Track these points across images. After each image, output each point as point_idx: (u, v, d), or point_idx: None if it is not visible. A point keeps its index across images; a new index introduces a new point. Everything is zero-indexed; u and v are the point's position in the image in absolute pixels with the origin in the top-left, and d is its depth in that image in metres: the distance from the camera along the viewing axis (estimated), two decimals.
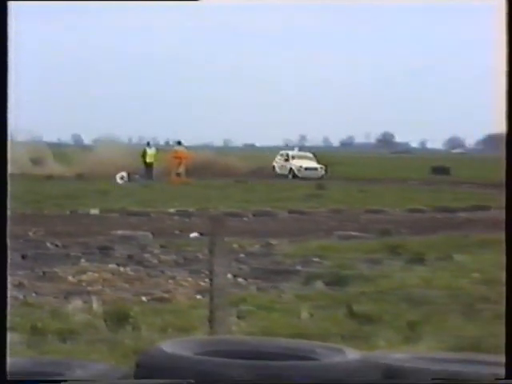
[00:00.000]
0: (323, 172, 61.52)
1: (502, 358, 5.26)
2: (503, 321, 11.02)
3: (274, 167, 65.52)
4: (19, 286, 13.61)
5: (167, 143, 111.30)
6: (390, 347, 8.67)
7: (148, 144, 55.22)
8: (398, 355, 5.26)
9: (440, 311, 11.59)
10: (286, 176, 61.38)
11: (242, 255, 17.49)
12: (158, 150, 55.53)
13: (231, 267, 14.20)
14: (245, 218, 27.31)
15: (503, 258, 18.03)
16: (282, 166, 64.52)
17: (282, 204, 32.47)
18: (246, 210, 29.40)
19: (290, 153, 66.69)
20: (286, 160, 64.81)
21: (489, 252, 18.04)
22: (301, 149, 75.56)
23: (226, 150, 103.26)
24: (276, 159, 66.54)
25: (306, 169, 62.17)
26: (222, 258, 8.80)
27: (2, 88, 4.74)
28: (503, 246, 18.85)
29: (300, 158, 65.39)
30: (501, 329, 10.50)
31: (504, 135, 4.68)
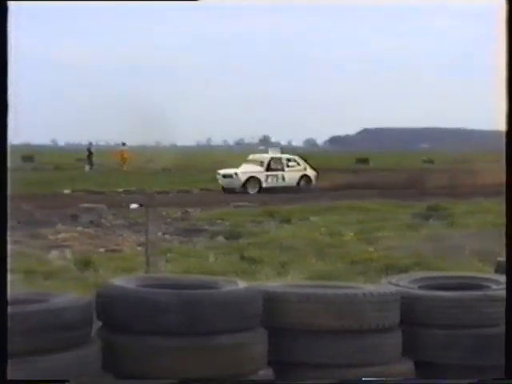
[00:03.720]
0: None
1: (344, 284, 5.32)
2: (343, 259, 11.23)
3: None
4: (16, 242, 13.41)
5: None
6: (268, 279, 8.75)
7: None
8: (274, 284, 5.29)
9: (301, 254, 11.72)
10: None
11: (168, 219, 17.47)
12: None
13: (161, 228, 14.19)
14: (170, 195, 27.27)
15: (343, 218, 18.34)
16: None
17: (196, 184, 32.46)
18: (172, 189, 29.38)
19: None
20: None
21: (332, 214, 18.36)
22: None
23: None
24: None
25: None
26: (155, 222, 8.80)
27: (2, 88, 3.76)
28: (342, 210, 19.11)
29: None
30: (341, 265, 10.74)
31: (505, 134, 3.88)
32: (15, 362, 3.94)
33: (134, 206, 20.53)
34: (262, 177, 29.87)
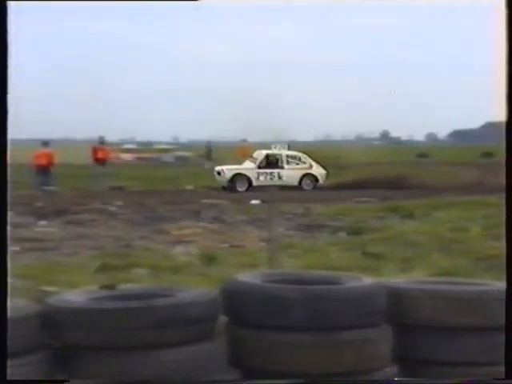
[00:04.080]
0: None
1: (471, 280, 5.22)
2: (469, 255, 10.99)
3: None
4: (143, 238, 13.73)
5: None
6: (392, 275, 8.65)
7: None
8: (398, 280, 5.24)
9: (425, 250, 11.54)
10: None
11: (290, 215, 17.46)
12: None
13: (283, 223, 14.23)
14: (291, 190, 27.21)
15: (466, 214, 17.86)
16: None
17: None
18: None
19: None
20: None
21: (456, 210, 17.99)
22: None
23: None
24: None
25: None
26: (277, 217, 8.82)
27: (2, 88, 3.73)
28: (467, 206, 18.64)
29: None
30: (465, 262, 10.51)
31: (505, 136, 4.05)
32: (141, 354, 4.03)
33: (255, 201, 20.64)
34: (252, 174, 27.64)
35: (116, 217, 17.05)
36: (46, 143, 25.69)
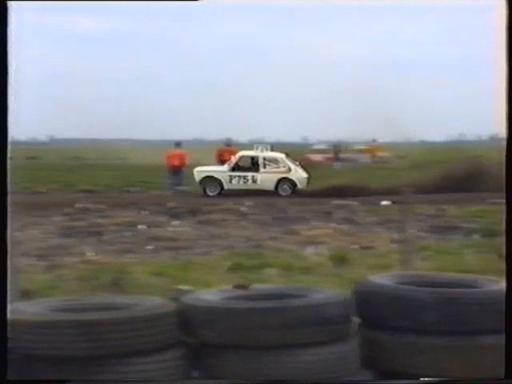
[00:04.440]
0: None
1: None
2: None
3: None
4: (273, 238, 13.84)
5: None
6: None
7: None
8: None
9: None
10: None
11: (422, 216, 17.20)
12: None
13: (415, 225, 14.04)
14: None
15: None
16: None
17: None
18: (424, 186, 28.69)
19: None
20: None
21: None
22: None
23: None
24: None
25: None
26: (408, 219, 8.72)
27: (3, 88, 3.68)
28: None
29: None
30: None
31: (505, 137, 3.97)
32: (274, 354, 4.08)
33: (385, 202, 20.43)
34: (223, 177, 25.29)
35: (247, 217, 17.26)
36: (178, 144, 26.20)
